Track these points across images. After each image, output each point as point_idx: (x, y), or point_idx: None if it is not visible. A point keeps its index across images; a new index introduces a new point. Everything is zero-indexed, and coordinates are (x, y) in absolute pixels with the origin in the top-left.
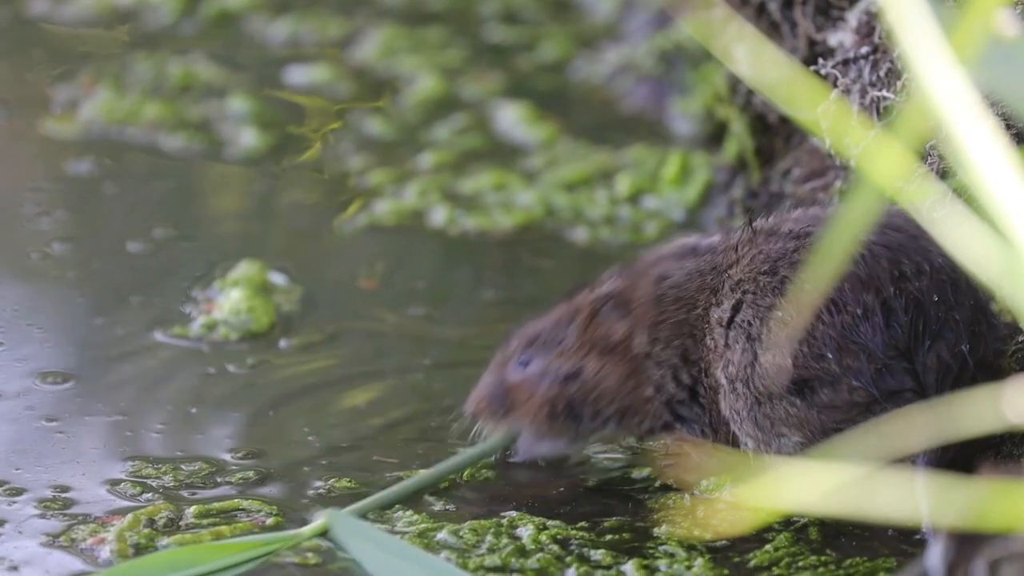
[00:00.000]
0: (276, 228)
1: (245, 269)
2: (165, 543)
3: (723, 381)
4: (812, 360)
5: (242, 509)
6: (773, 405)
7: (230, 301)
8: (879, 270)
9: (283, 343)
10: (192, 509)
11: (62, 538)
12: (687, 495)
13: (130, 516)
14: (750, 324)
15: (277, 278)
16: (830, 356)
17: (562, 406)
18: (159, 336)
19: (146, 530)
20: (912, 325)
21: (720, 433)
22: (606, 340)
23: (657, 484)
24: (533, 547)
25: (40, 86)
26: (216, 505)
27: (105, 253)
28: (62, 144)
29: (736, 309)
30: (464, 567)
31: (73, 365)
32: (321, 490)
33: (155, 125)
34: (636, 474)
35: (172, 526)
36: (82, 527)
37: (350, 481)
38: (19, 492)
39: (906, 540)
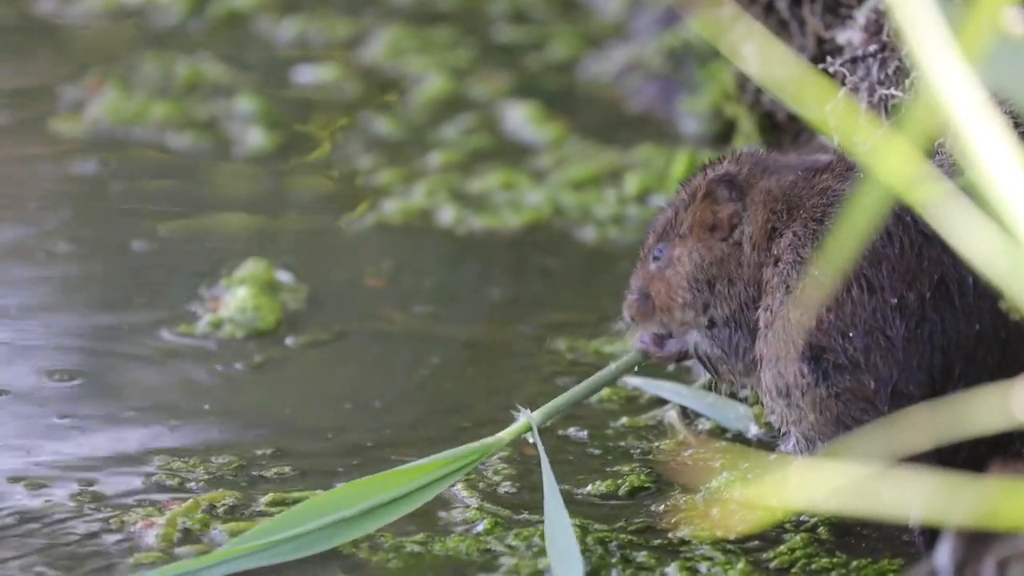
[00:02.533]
0: (284, 227)
1: (251, 267)
2: (218, 530)
3: (761, 323)
4: (835, 332)
5: None
6: (787, 365)
7: (236, 299)
8: (921, 271)
9: (289, 341)
10: (267, 497)
11: (112, 522)
12: (698, 496)
13: (189, 501)
14: (788, 273)
15: (283, 276)
16: (854, 337)
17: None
18: (165, 334)
19: (202, 515)
20: (947, 366)
21: (751, 373)
22: (712, 219)
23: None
24: (581, 548)
25: (47, 85)
26: (294, 494)
27: (111, 252)
28: (69, 143)
29: (785, 250)
30: (516, 571)
31: (80, 362)
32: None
33: (162, 124)
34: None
35: (234, 514)
36: (138, 510)
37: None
38: (49, 486)
39: (914, 539)
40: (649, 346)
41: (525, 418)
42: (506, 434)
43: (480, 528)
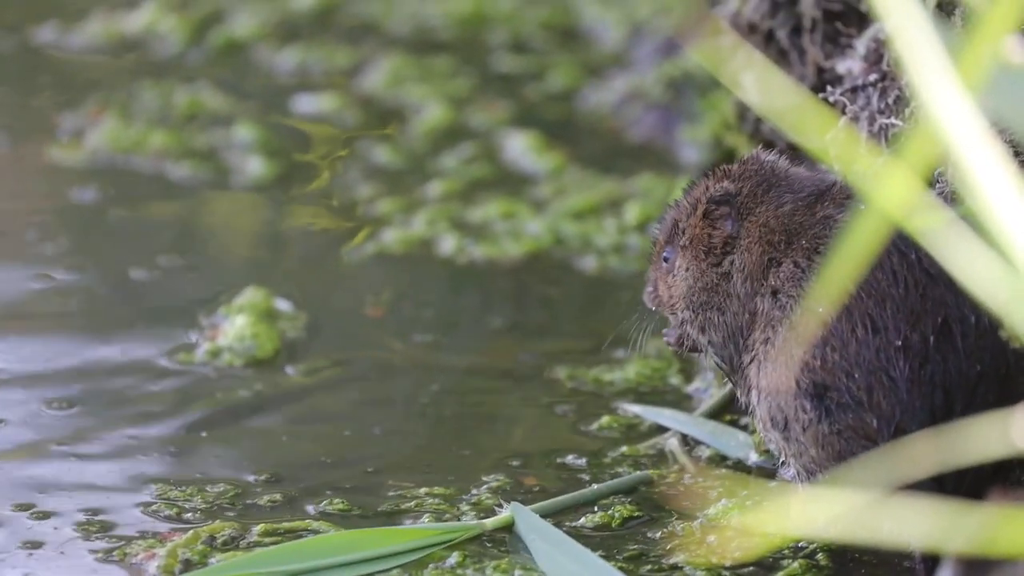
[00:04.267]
0: (283, 256)
1: (250, 296)
2: (216, 560)
3: (759, 354)
4: (840, 371)
5: (311, 530)
6: (787, 399)
7: (235, 327)
8: (925, 312)
9: (288, 369)
10: (259, 527)
11: (115, 553)
12: (696, 523)
13: (190, 533)
14: (790, 307)
15: (282, 304)
16: (859, 377)
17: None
18: (164, 362)
19: (202, 547)
20: (948, 404)
21: (743, 395)
22: (707, 241)
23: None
24: None
25: (47, 114)
26: (285, 525)
27: (110, 280)
28: (68, 172)
29: (785, 282)
30: None
31: (78, 391)
32: (356, 512)
33: (161, 153)
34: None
35: (232, 544)
36: (139, 542)
37: (385, 506)
38: (49, 515)
39: (914, 565)
40: (673, 344)
41: (509, 511)
42: (489, 523)
43: (452, 561)
